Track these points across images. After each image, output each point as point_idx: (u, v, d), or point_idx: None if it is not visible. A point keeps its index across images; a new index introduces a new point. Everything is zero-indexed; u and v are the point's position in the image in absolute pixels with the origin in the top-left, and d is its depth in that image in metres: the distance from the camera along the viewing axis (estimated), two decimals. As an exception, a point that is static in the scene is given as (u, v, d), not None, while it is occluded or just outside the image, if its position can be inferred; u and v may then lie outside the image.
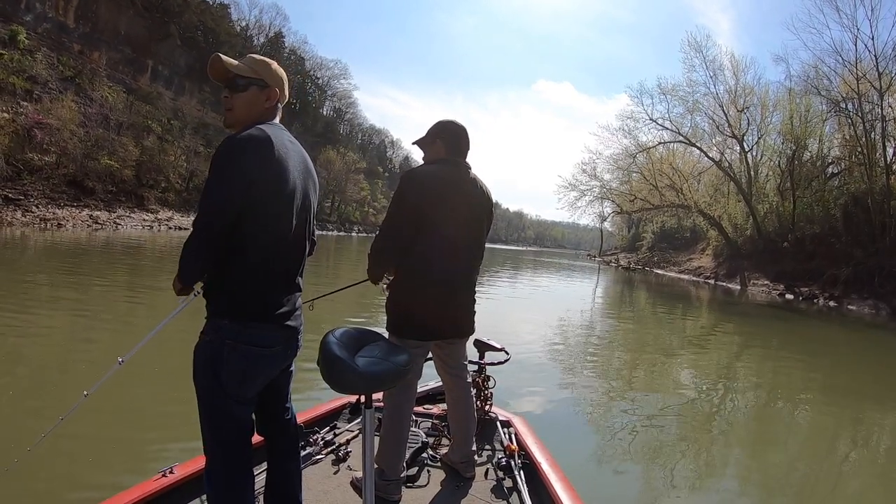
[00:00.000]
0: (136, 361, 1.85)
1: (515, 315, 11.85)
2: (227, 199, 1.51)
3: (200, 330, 1.63)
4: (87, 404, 2.00)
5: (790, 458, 4.83)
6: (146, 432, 3.73)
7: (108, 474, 3.08)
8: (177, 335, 2.71)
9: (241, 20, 68.92)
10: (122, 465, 3.22)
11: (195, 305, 1.74)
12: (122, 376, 4.61)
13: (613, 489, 3.67)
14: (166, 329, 1.88)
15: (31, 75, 33.58)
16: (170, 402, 4.30)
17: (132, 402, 4.19)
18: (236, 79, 1.68)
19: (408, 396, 2.35)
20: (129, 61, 47.18)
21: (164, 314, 1.87)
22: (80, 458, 3.27)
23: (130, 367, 1.96)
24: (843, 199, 28.08)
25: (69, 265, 12.68)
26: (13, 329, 6.03)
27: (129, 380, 4.47)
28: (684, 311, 16.69)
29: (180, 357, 1.69)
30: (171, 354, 4.88)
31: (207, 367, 1.59)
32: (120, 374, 1.94)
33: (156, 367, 4.85)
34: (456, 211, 2.32)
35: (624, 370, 7.51)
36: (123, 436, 3.62)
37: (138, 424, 3.83)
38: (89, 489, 2.84)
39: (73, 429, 3.55)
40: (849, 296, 21.84)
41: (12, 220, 23.23)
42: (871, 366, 10.15)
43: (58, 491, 2.90)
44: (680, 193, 36.44)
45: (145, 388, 4.50)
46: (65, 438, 3.41)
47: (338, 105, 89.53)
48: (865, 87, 26.89)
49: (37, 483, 2.90)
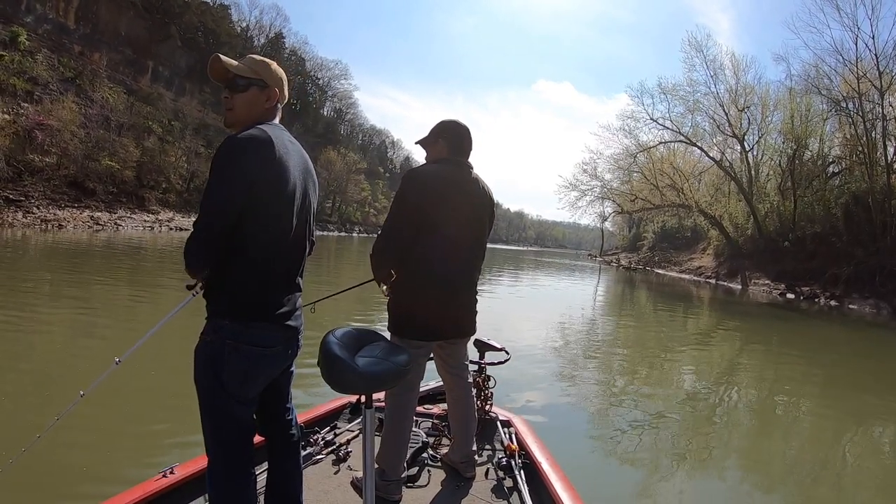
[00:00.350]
0: (137, 362, 1.86)
1: (516, 314, 11.84)
2: (228, 200, 1.51)
3: (201, 331, 1.63)
4: (89, 405, 2.00)
5: (792, 457, 4.83)
6: (147, 432, 3.74)
7: (108, 474, 3.08)
8: (179, 333, 2.72)
9: (241, 21, 69.09)
10: (122, 465, 3.22)
11: (196, 305, 1.74)
12: (123, 376, 4.61)
13: (614, 489, 3.67)
14: (168, 329, 1.88)
15: (31, 76, 33.68)
16: (171, 402, 4.31)
17: (133, 402, 4.20)
18: (236, 79, 1.68)
19: (410, 397, 2.35)
20: (130, 62, 47.25)
21: (166, 313, 1.87)
22: (81, 458, 3.27)
23: (131, 367, 1.96)
24: (843, 198, 28.04)
25: (70, 266, 12.68)
26: (15, 327, 6.04)
27: (129, 380, 4.48)
28: (685, 311, 16.67)
29: (182, 357, 1.69)
30: (173, 354, 4.89)
31: (208, 367, 1.58)
32: (121, 374, 1.94)
33: (157, 368, 4.86)
34: (457, 211, 2.31)
35: (625, 370, 7.50)
36: (124, 436, 3.62)
37: (139, 425, 3.84)
38: (90, 489, 2.84)
39: (74, 429, 3.56)
40: (850, 295, 21.82)
41: (13, 221, 23.25)
42: (873, 365, 10.13)
43: (59, 490, 2.90)
44: (681, 193, 36.36)
45: (146, 388, 4.51)
46: (66, 438, 3.42)
47: (338, 105, 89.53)
48: (866, 86, 26.86)
49: (39, 482, 2.90)
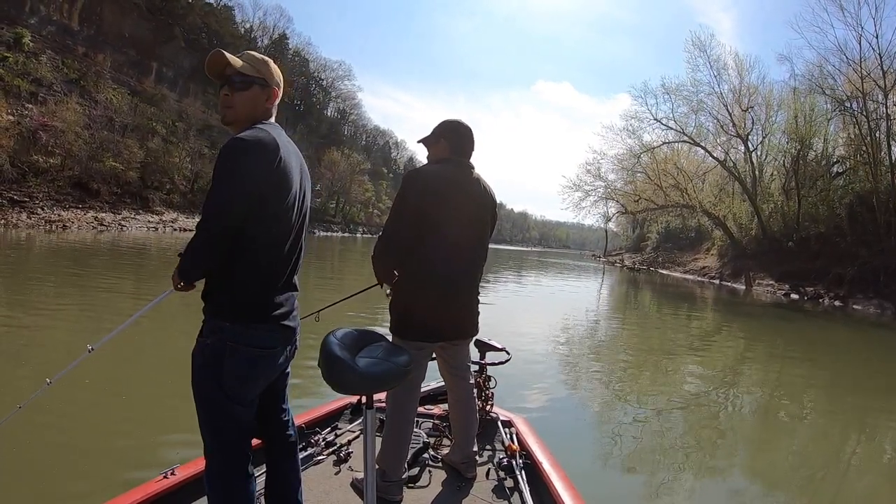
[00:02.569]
0: (138, 362, 1.86)
1: (519, 315, 11.82)
2: (228, 202, 1.49)
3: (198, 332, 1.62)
4: (89, 405, 2.00)
5: (796, 458, 4.79)
6: (147, 433, 3.72)
7: (109, 476, 3.07)
8: (181, 333, 2.72)
9: (245, 22, 69.34)
10: (123, 466, 3.21)
11: (196, 305, 1.73)
12: (124, 377, 4.62)
13: (615, 489, 3.65)
14: (168, 328, 1.89)
15: (35, 78, 33.88)
16: (172, 402, 4.30)
17: (133, 402, 4.20)
18: (235, 76, 1.66)
19: (412, 398, 2.34)
20: (134, 63, 47.41)
21: (168, 312, 1.87)
22: (82, 459, 3.27)
23: (133, 367, 1.97)
24: (847, 198, 27.97)
25: (74, 266, 12.72)
26: (18, 326, 6.06)
27: (130, 380, 4.49)
28: (689, 312, 16.62)
29: (182, 357, 1.69)
30: (173, 355, 4.89)
31: (208, 369, 1.58)
32: (121, 374, 1.95)
33: (157, 368, 4.85)
34: (459, 211, 2.30)
35: (627, 370, 7.48)
36: (125, 437, 3.61)
37: (139, 426, 3.83)
38: (91, 491, 2.83)
39: (75, 430, 3.58)
40: (854, 295, 21.71)
41: (17, 222, 23.35)
42: (877, 365, 10.08)
43: (59, 492, 2.90)
44: (684, 193, 36.26)
45: (147, 388, 4.50)
46: (66, 440, 3.44)
47: (342, 106, 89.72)
48: (870, 85, 26.79)
49: (39, 483, 2.91)
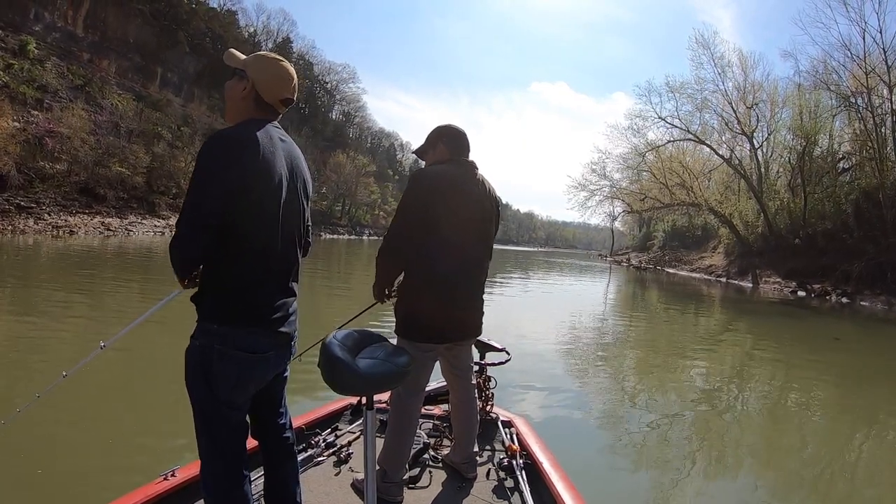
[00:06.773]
0: (138, 362, 1.87)
1: (523, 314, 11.81)
2: (201, 203, 1.47)
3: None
4: (89, 406, 2.02)
5: (802, 458, 4.74)
6: (148, 435, 3.75)
7: (109, 477, 3.09)
8: (182, 334, 2.72)
9: (248, 26, 69.52)
10: (123, 468, 3.23)
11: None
12: (125, 378, 4.64)
13: (616, 489, 3.64)
14: (175, 329, 1.90)
15: (41, 84, 34.10)
16: (172, 403, 4.31)
17: (134, 403, 4.22)
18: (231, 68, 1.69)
19: (416, 400, 2.34)
20: (139, 69, 47.70)
21: (174, 312, 1.88)
22: (82, 461, 3.30)
23: (133, 367, 1.98)
24: (854, 194, 27.71)
25: (83, 270, 12.81)
26: (22, 327, 6.11)
27: (130, 381, 4.52)
28: (696, 310, 16.54)
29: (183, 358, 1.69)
30: (173, 355, 4.92)
31: (198, 371, 1.57)
32: (122, 375, 1.96)
33: (158, 368, 4.86)
34: (463, 211, 2.29)
35: (631, 369, 7.46)
36: (125, 438, 3.63)
37: (140, 427, 3.85)
38: (91, 492, 2.86)
39: (76, 432, 3.60)
40: (861, 292, 21.53)
41: (25, 227, 23.53)
42: (885, 362, 9.98)
43: (60, 493, 2.91)
44: (690, 192, 36.10)
45: (148, 388, 4.53)
46: (67, 441, 3.47)
47: (346, 109, 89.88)
48: (874, 81, 26.61)
49: (39, 485, 2.93)
